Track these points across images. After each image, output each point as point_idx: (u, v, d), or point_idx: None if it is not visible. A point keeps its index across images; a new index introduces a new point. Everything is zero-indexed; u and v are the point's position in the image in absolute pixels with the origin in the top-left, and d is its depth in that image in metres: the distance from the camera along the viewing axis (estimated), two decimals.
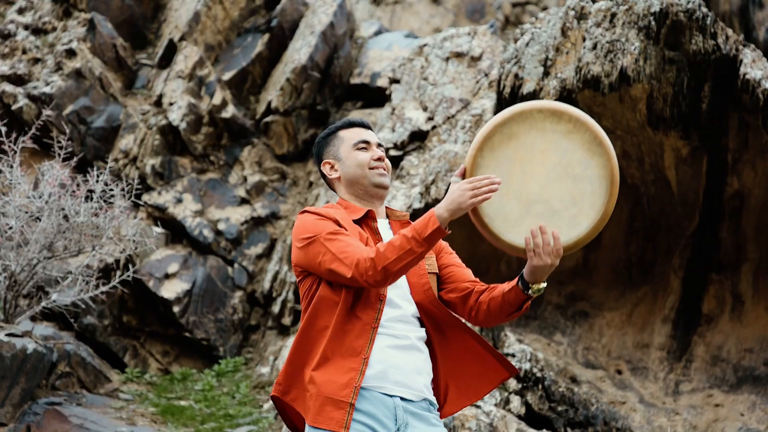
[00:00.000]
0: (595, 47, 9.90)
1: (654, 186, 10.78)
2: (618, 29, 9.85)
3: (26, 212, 9.53)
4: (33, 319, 11.11)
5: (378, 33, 14.91)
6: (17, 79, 12.71)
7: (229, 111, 13.01)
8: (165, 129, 12.62)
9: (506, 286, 4.52)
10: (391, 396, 4.42)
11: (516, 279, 4.47)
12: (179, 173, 12.56)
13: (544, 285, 4.41)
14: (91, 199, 9.60)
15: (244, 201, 12.77)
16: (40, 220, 9.46)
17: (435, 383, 4.65)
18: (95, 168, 10.25)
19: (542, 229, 4.28)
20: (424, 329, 4.60)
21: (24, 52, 13.10)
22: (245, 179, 12.94)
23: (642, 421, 10.12)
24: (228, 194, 12.73)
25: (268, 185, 12.99)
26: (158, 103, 12.97)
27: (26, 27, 13.43)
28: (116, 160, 12.51)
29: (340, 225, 4.56)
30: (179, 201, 12.32)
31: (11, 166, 9.56)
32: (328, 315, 4.47)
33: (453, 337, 4.66)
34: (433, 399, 4.59)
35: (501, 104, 10.54)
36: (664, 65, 9.82)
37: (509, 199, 4.32)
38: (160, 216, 12.23)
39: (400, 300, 4.56)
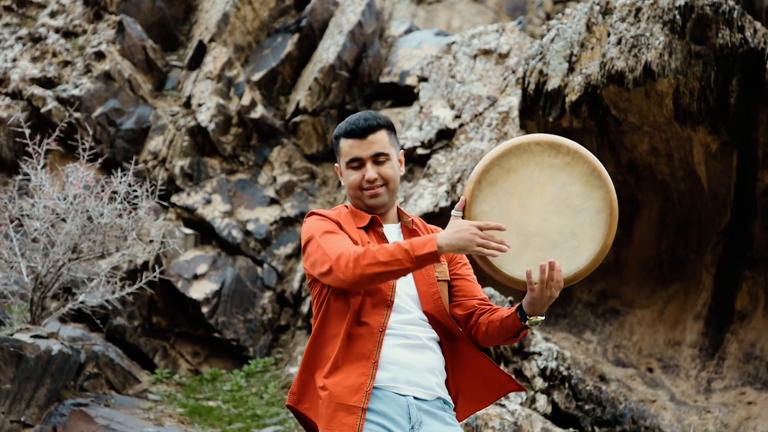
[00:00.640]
0: (619, 42, 9.81)
1: (684, 182, 10.66)
2: (643, 23, 9.76)
3: (53, 213, 9.55)
4: (63, 320, 11.15)
5: (408, 31, 14.84)
6: (47, 82, 12.78)
7: (258, 111, 13.01)
8: (194, 130, 12.64)
9: (505, 312, 4.49)
10: (404, 395, 4.41)
11: (515, 307, 4.45)
12: (208, 174, 12.58)
13: (542, 318, 4.39)
14: (116, 200, 9.61)
15: (273, 201, 12.76)
16: (65, 221, 9.48)
17: (447, 386, 4.62)
18: (120, 170, 10.26)
19: (551, 264, 4.24)
20: (434, 331, 4.57)
21: (54, 55, 13.16)
22: (275, 179, 12.93)
23: (672, 419, 10.01)
24: (257, 195, 12.73)
25: (298, 185, 12.97)
26: (187, 104, 13.00)
27: (57, 30, 13.49)
28: (145, 162, 12.55)
29: (341, 227, 4.54)
30: (208, 202, 12.33)
31: (36, 168, 9.59)
32: (338, 322, 4.46)
33: (461, 346, 4.63)
34: (448, 398, 4.57)
35: (526, 101, 10.47)
36: (690, 59, 9.71)
37: (508, 232, 4.28)
38: (189, 217, 12.25)
39: (407, 306, 4.52)
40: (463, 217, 4.33)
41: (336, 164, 4.74)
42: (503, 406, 9.07)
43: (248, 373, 11.44)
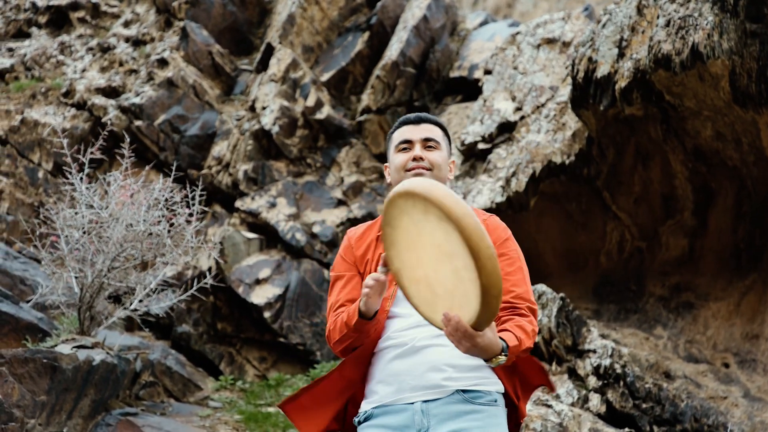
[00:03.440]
0: (667, 24, 9.39)
1: (756, 167, 10.20)
2: (692, 4, 9.31)
3: (96, 223, 9.52)
4: (129, 329, 11.15)
5: (484, 24, 14.52)
6: (112, 92, 12.83)
7: (324, 112, 12.85)
8: (258, 133, 12.54)
9: None
10: (411, 403, 4.26)
11: None
12: (273, 177, 12.45)
13: (501, 359, 4.05)
14: (157, 207, 9.53)
15: (341, 202, 12.57)
16: (104, 231, 9.44)
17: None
18: (162, 176, 10.20)
19: (446, 315, 3.97)
20: None
21: (121, 64, 13.22)
22: (342, 180, 12.75)
23: (743, 416, 9.55)
24: (324, 196, 12.56)
25: (366, 185, 12.76)
26: (252, 108, 12.90)
27: (127, 39, 13.56)
28: (209, 167, 12.49)
29: (358, 261, 4.58)
30: (273, 205, 12.20)
31: (78, 178, 9.57)
32: None
33: None
34: (472, 386, 4.32)
35: (576, 89, 10.11)
36: (746, 39, 9.23)
37: (420, 285, 4.09)
38: (253, 221, 12.14)
39: (408, 310, 4.34)
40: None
41: (386, 164, 4.68)
42: (549, 406, 8.75)
43: (314, 378, 11.28)
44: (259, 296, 11.57)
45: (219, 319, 11.76)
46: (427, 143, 4.54)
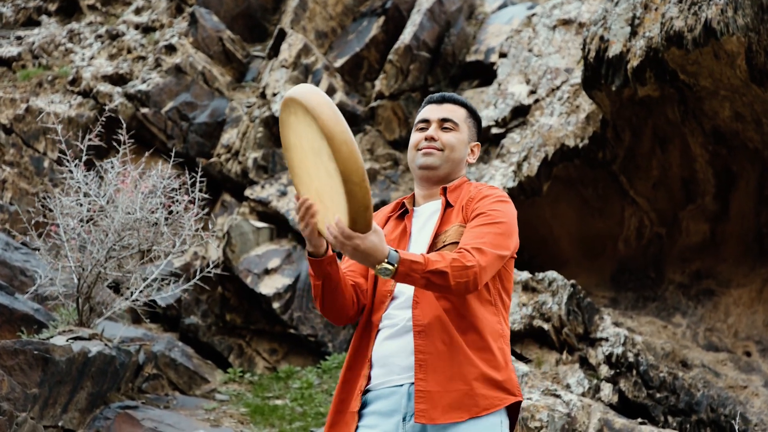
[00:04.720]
0: (680, 0, 9.04)
1: None
2: None
3: (95, 212, 9.30)
4: (137, 321, 10.94)
5: (503, 7, 14.18)
6: (119, 79, 12.60)
7: (337, 98, 12.57)
8: (268, 121, 12.27)
9: None
10: (400, 385, 4.12)
11: None
12: (284, 165, 12.18)
13: (386, 267, 3.86)
14: (155, 195, 9.29)
15: None
16: (103, 219, 9.22)
17: None
18: (165, 164, 9.97)
19: (328, 226, 3.85)
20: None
21: (129, 51, 13.00)
22: None
23: (763, 406, 9.22)
24: None
25: (380, 173, 12.45)
26: (263, 94, 12.64)
27: (137, 26, 13.35)
28: (218, 156, 12.24)
29: None
30: (283, 194, 11.93)
31: (76, 165, 9.35)
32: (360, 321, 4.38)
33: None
34: None
35: (588, 70, 9.78)
36: (763, 14, 8.87)
37: (319, 205, 3.94)
38: (264, 210, 11.88)
39: (405, 288, 4.23)
40: None
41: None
42: (558, 396, 8.43)
43: (324, 370, 11.02)
44: (268, 286, 11.31)
45: (228, 311, 11.52)
46: (444, 123, 4.44)
